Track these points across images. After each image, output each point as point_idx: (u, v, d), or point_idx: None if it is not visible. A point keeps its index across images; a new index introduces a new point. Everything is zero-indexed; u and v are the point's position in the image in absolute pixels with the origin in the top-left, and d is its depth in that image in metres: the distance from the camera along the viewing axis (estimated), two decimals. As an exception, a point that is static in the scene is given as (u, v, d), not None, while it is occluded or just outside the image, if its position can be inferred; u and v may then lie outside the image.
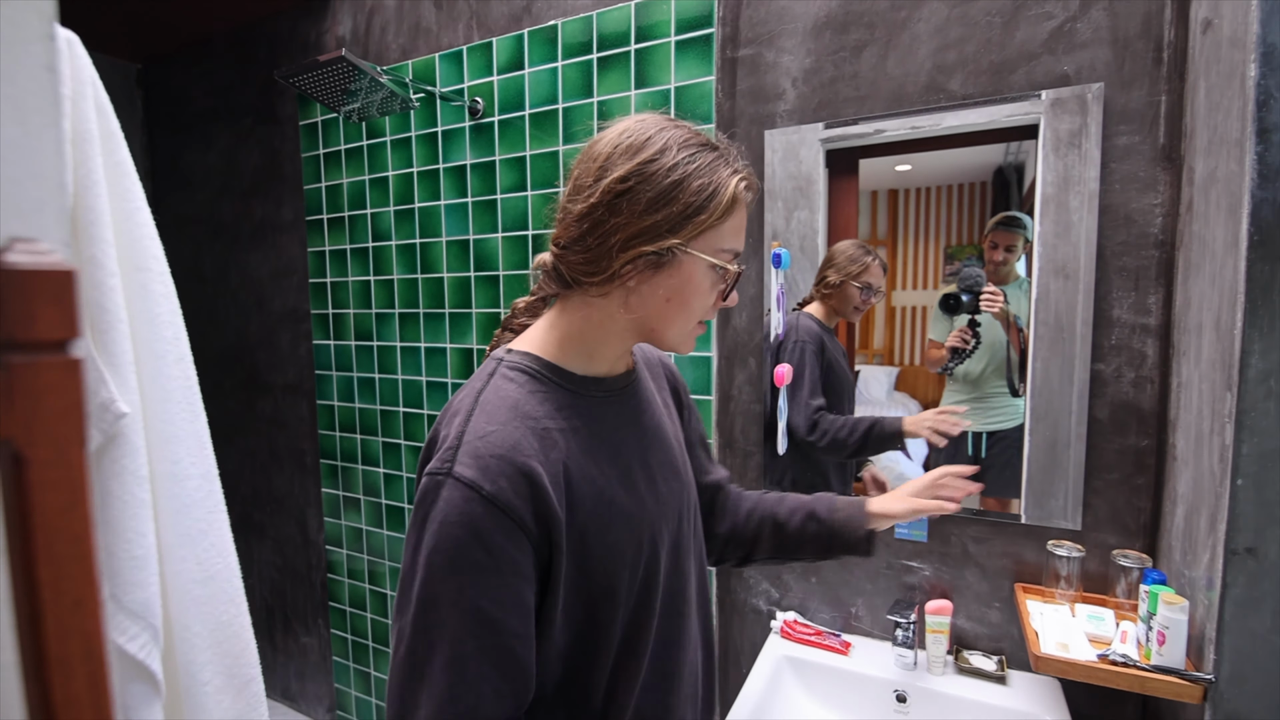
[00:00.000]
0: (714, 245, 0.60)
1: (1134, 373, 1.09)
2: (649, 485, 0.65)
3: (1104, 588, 1.12)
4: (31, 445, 0.30)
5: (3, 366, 0.28)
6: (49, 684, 0.30)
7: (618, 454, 0.63)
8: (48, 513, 0.30)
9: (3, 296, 0.28)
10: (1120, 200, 1.08)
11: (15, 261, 0.28)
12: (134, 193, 0.67)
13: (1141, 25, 1.04)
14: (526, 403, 0.59)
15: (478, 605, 0.52)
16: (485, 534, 0.52)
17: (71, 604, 0.31)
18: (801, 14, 1.27)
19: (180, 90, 2.24)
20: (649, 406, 0.71)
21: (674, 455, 0.71)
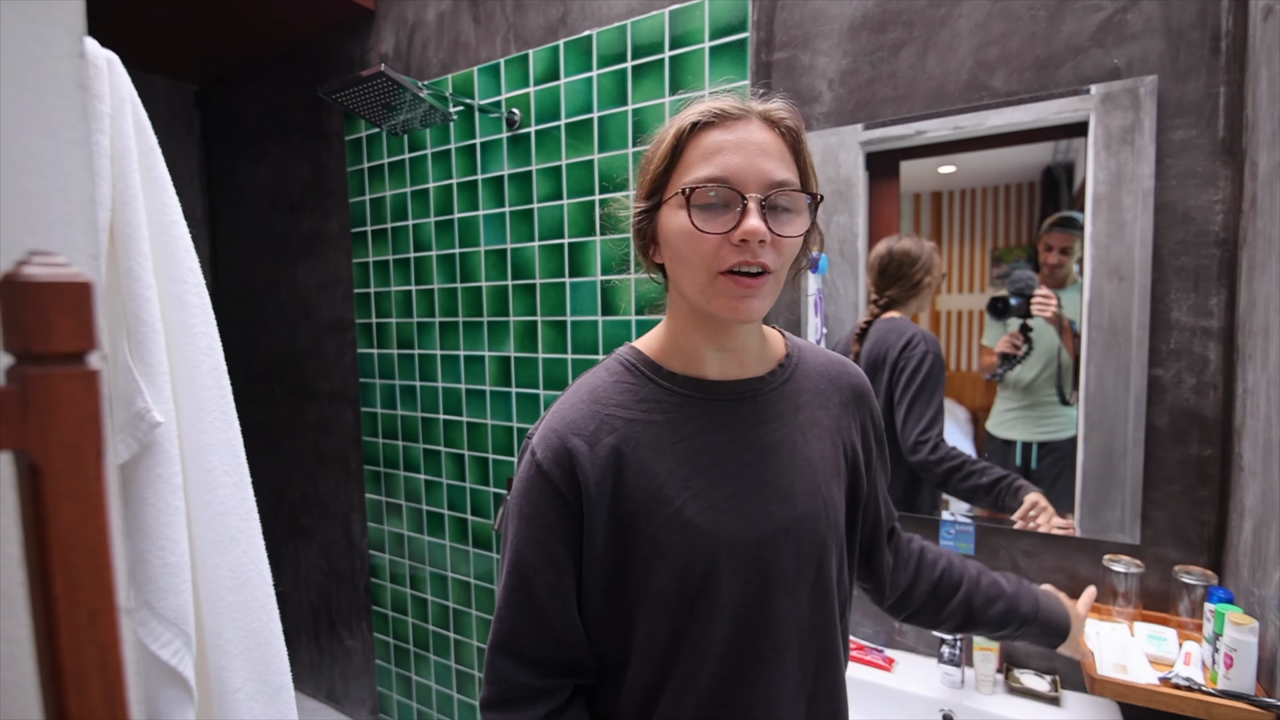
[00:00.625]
0: (678, 186, 0.58)
1: (1195, 378, 1.03)
2: (736, 499, 0.61)
3: (1165, 606, 1.06)
4: (47, 456, 0.30)
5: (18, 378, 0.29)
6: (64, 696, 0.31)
7: (699, 457, 0.61)
8: (63, 523, 0.31)
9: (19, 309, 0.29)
10: (1177, 197, 1.03)
11: (32, 274, 0.29)
12: (171, 206, 0.69)
13: (1197, 14, 1.00)
14: (605, 389, 0.63)
15: (521, 551, 0.60)
16: (533, 494, 0.60)
17: (87, 615, 0.32)
18: (837, 15, 1.25)
19: (234, 109, 2.34)
20: (776, 421, 0.64)
21: (791, 480, 0.63)
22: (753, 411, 0.63)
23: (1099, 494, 1.11)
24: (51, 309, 0.30)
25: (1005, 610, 0.79)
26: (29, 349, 0.30)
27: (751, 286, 0.56)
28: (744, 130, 0.57)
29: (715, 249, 0.56)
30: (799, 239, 0.58)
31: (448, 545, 1.90)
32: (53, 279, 0.30)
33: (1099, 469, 1.11)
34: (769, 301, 0.58)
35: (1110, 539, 1.10)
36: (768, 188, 0.56)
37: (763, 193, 0.55)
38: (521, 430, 1.71)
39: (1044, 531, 1.15)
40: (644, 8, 1.44)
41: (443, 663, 1.96)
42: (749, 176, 0.55)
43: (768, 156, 0.56)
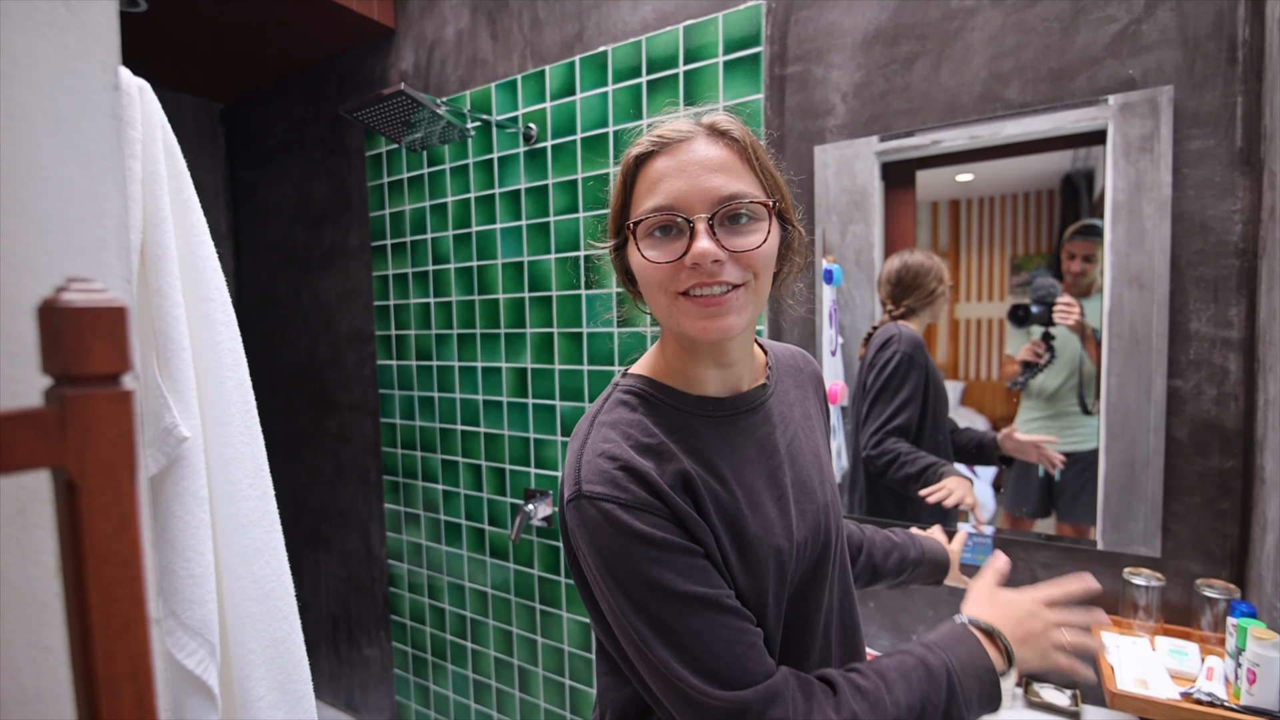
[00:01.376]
0: (633, 216, 0.58)
1: (1215, 389, 1.02)
2: (779, 506, 0.61)
3: (1187, 620, 1.04)
4: (83, 474, 0.32)
5: (57, 399, 0.31)
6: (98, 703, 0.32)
7: (741, 475, 0.60)
8: (98, 538, 0.33)
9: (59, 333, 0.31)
10: (1195, 207, 1.02)
11: (71, 300, 0.31)
12: (198, 228, 0.72)
13: (1213, 24, 0.99)
14: (638, 425, 0.59)
15: (680, 591, 0.53)
16: (640, 532, 0.53)
17: (120, 626, 0.33)
18: (850, 29, 1.26)
19: (258, 126, 2.40)
20: (782, 423, 0.66)
21: (808, 474, 0.65)
22: (765, 420, 0.64)
23: (1121, 506, 1.10)
24: (89, 333, 0.32)
25: (900, 559, 0.88)
26: (67, 371, 0.32)
27: (716, 304, 0.55)
28: (687, 152, 0.56)
29: (672, 275, 0.56)
30: (761, 250, 0.56)
31: (465, 555, 1.92)
32: (90, 304, 0.32)
33: (1121, 480, 1.10)
34: (745, 315, 0.57)
35: (1131, 551, 1.09)
36: (715, 204, 0.55)
37: (710, 210, 0.55)
38: (539, 440, 1.73)
39: (951, 505, 1.22)
40: (659, 23, 1.46)
41: (460, 672, 1.98)
42: (694, 199, 0.55)
43: (713, 173, 0.55)
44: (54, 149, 0.37)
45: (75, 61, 0.38)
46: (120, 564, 0.34)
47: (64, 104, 0.38)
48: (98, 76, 0.39)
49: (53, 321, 0.31)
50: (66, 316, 0.31)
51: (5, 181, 0.35)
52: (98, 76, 0.39)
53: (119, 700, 0.34)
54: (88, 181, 0.38)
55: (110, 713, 0.33)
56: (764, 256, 0.56)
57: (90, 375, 0.32)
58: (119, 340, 0.33)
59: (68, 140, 0.38)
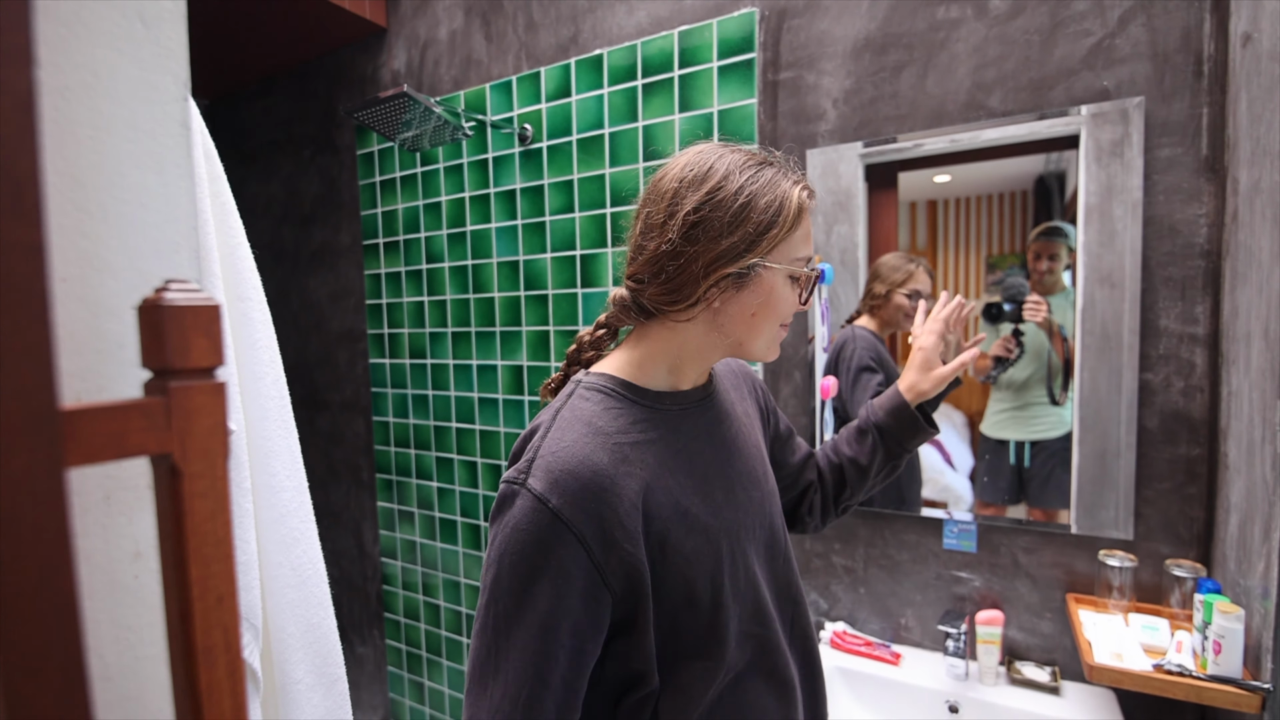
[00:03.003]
0: (789, 255, 0.63)
1: (1183, 382, 1.09)
2: (727, 495, 0.67)
3: (1158, 598, 1.11)
4: (186, 459, 0.35)
5: (161, 391, 0.34)
6: (196, 670, 0.35)
7: (693, 464, 0.65)
8: (197, 518, 0.36)
9: (163, 330, 0.34)
10: (1164, 211, 1.09)
11: (172, 299, 0.34)
12: (236, 229, 0.74)
13: (1181, 39, 1.06)
14: (601, 419, 0.61)
15: (536, 606, 0.55)
16: (547, 543, 0.55)
17: (215, 600, 0.37)
18: (841, 37, 1.31)
19: (245, 124, 2.39)
20: (727, 418, 0.72)
21: (754, 465, 0.72)
22: (714, 414, 0.71)
23: (1094, 494, 1.16)
24: (190, 329, 0.35)
25: (870, 443, 0.87)
26: (169, 365, 0.35)
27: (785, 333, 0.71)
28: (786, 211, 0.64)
29: (790, 312, 0.67)
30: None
31: (460, 551, 1.94)
32: (190, 303, 0.35)
33: (1094, 470, 1.16)
34: None
35: (1105, 535, 1.15)
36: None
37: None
38: (533, 437, 1.76)
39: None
40: (653, 28, 1.50)
41: (455, 667, 1.99)
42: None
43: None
44: (132, 157, 0.40)
45: (150, 74, 0.40)
46: (216, 543, 0.37)
47: (140, 114, 0.40)
48: (170, 88, 0.41)
49: (156, 319, 0.34)
50: (170, 314, 0.34)
51: (90, 188, 0.38)
52: (170, 88, 0.41)
53: (214, 668, 0.37)
54: (162, 187, 0.41)
55: (208, 679, 0.36)
56: None
57: (191, 368, 0.35)
58: (214, 336, 0.36)
59: (144, 148, 0.40)
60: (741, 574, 0.66)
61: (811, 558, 1.43)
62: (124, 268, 0.39)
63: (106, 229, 0.38)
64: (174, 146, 0.42)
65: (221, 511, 0.37)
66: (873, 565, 1.37)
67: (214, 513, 0.37)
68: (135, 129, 0.40)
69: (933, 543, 1.31)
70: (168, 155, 0.42)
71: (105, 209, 0.38)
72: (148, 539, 0.41)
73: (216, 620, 0.37)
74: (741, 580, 0.66)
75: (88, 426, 0.31)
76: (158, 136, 0.41)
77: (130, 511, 0.40)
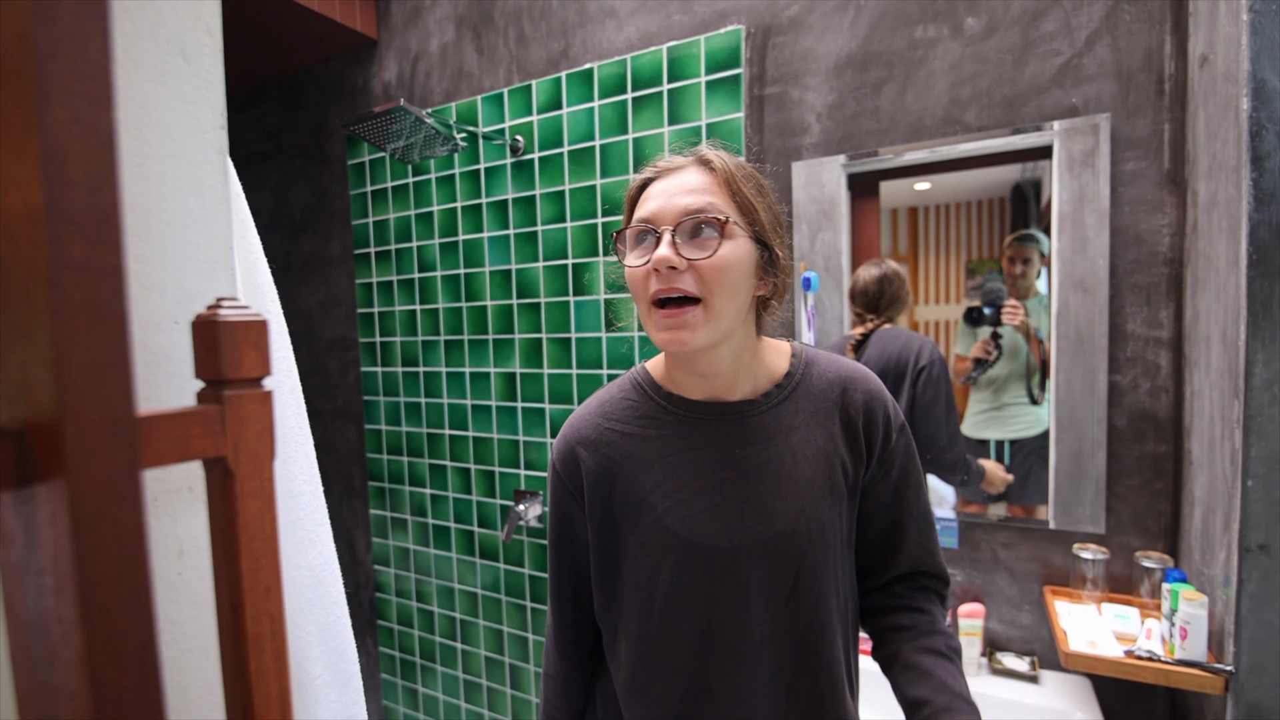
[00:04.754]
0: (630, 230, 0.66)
1: (1149, 383, 1.15)
2: (714, 511, 0.66)
3: (1129, 588, 1.17)
4: (238, 462, 0.38)
5: (216, 399, 0.37)
6: (246, 656, 0.39)
7: (684, 471, 0.67)
8: (248, 516, 0.39)
9: (217, 343, 0.37)
10: (1130, 221, 1.15)
11: (226, 316, 0.37)
12: (255, 245, 0.76)
13: (1143, 60, 1.12)
14: (611, 404, 0.73)
15: (552, 531, 0.77)
16: (554, 487, 0.75)
17: (263, 591, 0.40)
18: (824, 54, 1.36)
19: (234, 133, 2.39)
20: (765, 442, 0.67)
21: (774, 499, 0.66)
22: (741, 433, 0.67)
23: (1070, 492, 1.22)
24: (242, 343, 0.39)
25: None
26: (223, 375, 0.38)
27: (675, 315, 0.60)
28: (677, 177, 0.63)
29: (645, 282, 0.62)
30: (711, 260, 0.60)
31: (454, 557, 1.96)
32: (240, 319, 0.39)
33: (1070, 469, 1.22)
34: (707, 331, 0.61)
35: (1080, 529, 1.21)
36: (679, 218, 0.61)
37: (674, 223, 0.61)
38: (528, 443, 1.78)
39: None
40: (642, 44, 1.54)
41: (450, 673, 2.01)
42: (666, 214, 0.61)
43: (689, 193, 0.62)
44: (175, 182, 0.42)
45: (191, 105, 0.43)
46: (264, 538, 0.40)
47: (183, 142, 0.43)
48: (209, 118, 0.44)
49: (211, 334, 0.38)
50: (224, 330, 0.38)
51: (140, 212, 0.40)
52: (209, 118, 0.44)
53: (262, 654, 0.40)
54: (202, 210, 0.44)
55: (256, 665, 0.40)
56: (713, 267, 0.60)
57: (242, 379, 0.39)
58: (263, 349, 0.40)
59: (186, 174, 0.43)
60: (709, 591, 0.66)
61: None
62: (170, 286, 0.42)
63: (154, 250, 0.41)
64: (212, 171, 0.45)
65: (269, 510, 0.41)
66: (860, 563, 1.41)
67: (262, 510, 0.40)
68: (178, 156, 0.43)
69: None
70: (206, 180, 0.45)
71: (153, 231, 0.41)
72: (190, 539, 0.43)
73: (264, 610, 0.40)
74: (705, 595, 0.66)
75: (156, 432, 0.34)
76: (198, 163, 0.44)
77: (175, 513, 0.42)
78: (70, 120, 0.28)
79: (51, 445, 0.28)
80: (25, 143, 0.26)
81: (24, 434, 0.29)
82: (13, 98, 0.26)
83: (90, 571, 0.29)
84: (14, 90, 0.26)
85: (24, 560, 0.30)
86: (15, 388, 0.28)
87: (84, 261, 0.28)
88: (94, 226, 0.28)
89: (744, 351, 0.68)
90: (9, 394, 0.28)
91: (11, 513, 0.31)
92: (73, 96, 0.27)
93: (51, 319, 0.27)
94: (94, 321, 0.29)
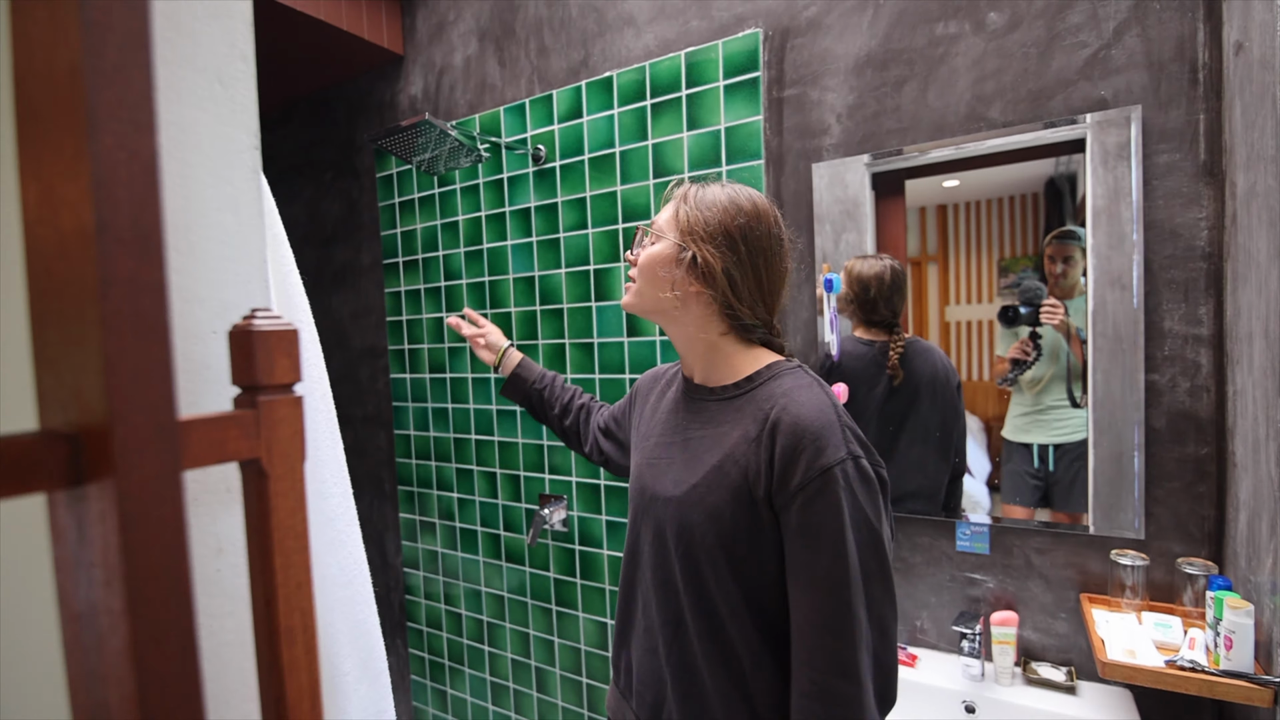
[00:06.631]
0: None
1: (1189, 382, 1.11)
2: (654, 466, 0.84)
3: (1170, 596, 1.13)
4: (271, 464, 0.40)
5: (252, 404, 0.39)
6: (278, 649, 0.40)
7: (659, 425, 0.87)
8: (280, 514, 0.41)
9: (253, 351, 0.39)
10: (1165, 215, 1.12)
11: (260, 326, 0.39)
12: (287, 258, 0.79)
13: (1175, 49, 1.09)
14: (664, 366, 1.01)
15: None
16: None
17: (295, 586, 0.41)
18: (843, 54, 1.36)
19: (269, 150, 2.47)
20: (708, 425, 0.78)
21: (687, 473, 0.76)
22: (694, 411, 0.82)
23: (1110, 495, 1.18)
24: (275, 351, 0.40)
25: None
26: (258, 381, 0.40)
27: (626, 288, 0.86)
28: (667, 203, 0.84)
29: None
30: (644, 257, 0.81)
31: (481, 561, 1.98)
32: (273, 328, 0.40)
33: (1109, 472, 1.18)
34: (632, 298, 0.83)
35: (1118, 535, 1.17)
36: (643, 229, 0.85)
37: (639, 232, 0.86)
38: (552, 448, 1.80)
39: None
40: (661, 50, 1.55)
41: (478, 676, 2.03)
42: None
43: (660, 216, 0.83)
44: (213, 200, 0.45)
45: (227, 127, 0.46)
46: (295, 536, 0.42)
47: (219, 162, 0.45)
48: (243, 139, 0.47)
49: (247, 342, 0.39)
50: (258, 338, 0.39)
51: (180, 229, 0.43)
52: (243, 139, 0.47)
53: (294, 646, 0.41)
54: (238, 226, 0.46)
55: (289, 656, 0.41)
56: (641, 264, 0.81)
57: (275, 384, 0.40)
58: (294, 357, 0.41)
59: (223, 193, 0.45)
60: (644, 532, 0.83)
61: (827, 561, 1.46)
62: (208, 298, 0.44)
63: (193, 264, 0.43)
64: (246, 190, 0.47)
65: (300, 509, 0.42)
66: (888, 568, 1.39)
67: (294, 510, 0.42)
68: (215, 176, 0.45)
69: (946, 545, 1.33)
70: (241, 198, 0.47)
71: (192, 247, 0.43)
72: (228, 536, 0.45)
73: (296, 604, 0.42)
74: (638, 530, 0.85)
75: (196, 435, 0.36)
76: (234, 182, 0.46)
77: (214, 512, 0.44)
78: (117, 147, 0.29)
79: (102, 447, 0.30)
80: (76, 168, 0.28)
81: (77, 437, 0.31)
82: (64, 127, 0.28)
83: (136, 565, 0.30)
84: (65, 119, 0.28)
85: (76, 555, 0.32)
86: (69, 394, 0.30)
87: (130, 277, 0.30)
88: (138, 244, 0.30)
89: (698, 343, 0.81)
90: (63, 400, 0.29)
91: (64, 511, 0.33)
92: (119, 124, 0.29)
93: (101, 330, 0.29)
94: (139, 332, 0.30)
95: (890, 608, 0.69)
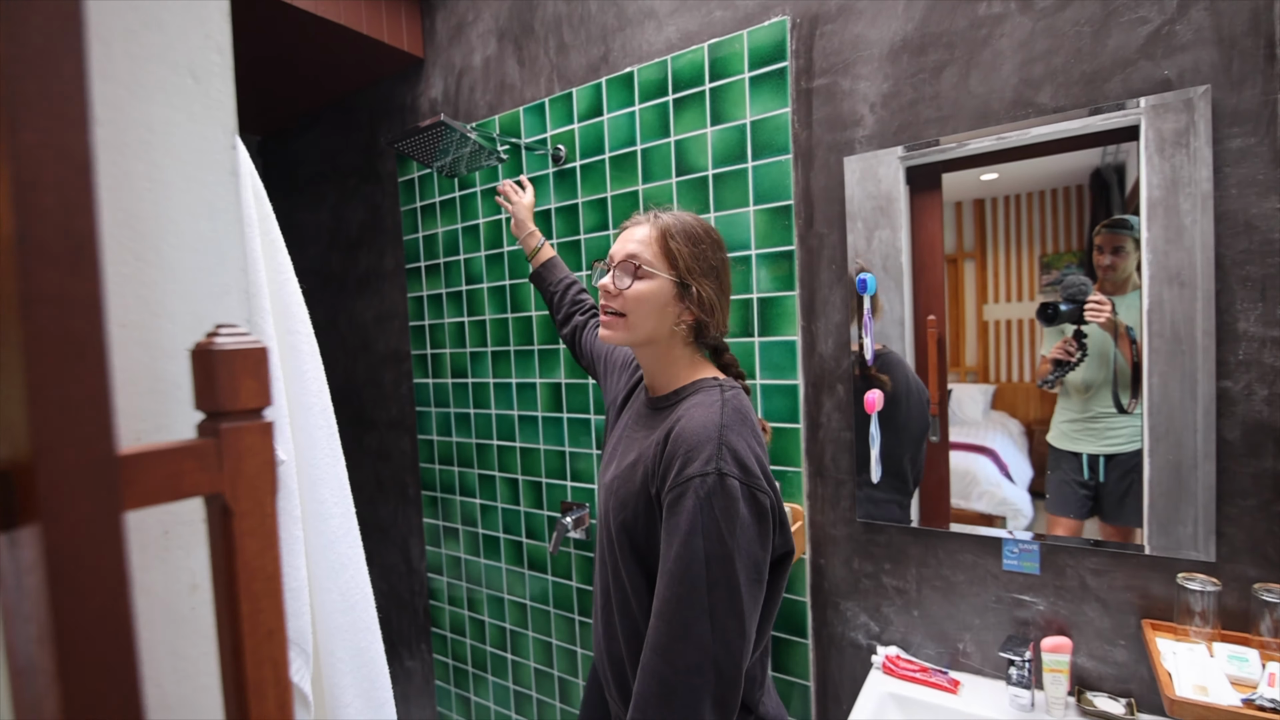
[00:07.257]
0: None
1: (1267, 390, 1.01)
2: (606, 461, 0.97)
3: (1245, 625, 1.03)
4: (236, 499, 0.35)
5: (213, 432, 0.34)
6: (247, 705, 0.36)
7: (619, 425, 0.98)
8: (247, 555, 0.36)
9: (214, 373, 0.34)
10: (1238, 206, 1.02)
11: (222, 344, 0.34)
12: (284, 265, 0.76)
13: (1249, 22, 1.00)
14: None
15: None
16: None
17: (265, 634, 0.37)
18: (876, 40, 1.28)
19: (293, 157, 2.48)
20: (644, 429, 0.90)
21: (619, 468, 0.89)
22: (643, 415, 0.93)
23: (1168, 509, 1.09)
24: (239, 372, 0.36)
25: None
26: (220, 407, 0.35)
27: (608, 319, 0.89)
28: (634, 229, 0.90)
29: (601, 291, 0.90)
30: (631, 292, 0.85)
31: (504, 568, 1.95)
32: (238, 346, 0.36)
33: (1167, 483, 1.09)
34: (624, 334, 0.87)
35: (1183, 556, 1.07)
36: (619, 258, 0.87)
37: (616, 262, 0.88)
38: (574, 454, 1.76)
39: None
40: (683, 43, 1.50)
41: (501, 683, 2.00)
42: (615, 252, 0.89)
43: (634, 242, 0.87)
44: (186, 205, 0.41)
45: (201, 126, 0.42)
46: (265, 579, 0.37)
47: (192, 164, 0.41)
48: (219, 138, 0.43)
49: (208, 363, 0.35)
50: (220, 358, 0.35)
51: (148, 237, 0.39)
52: (219, 138, 0.43)
53: (265, 703, 0.37)
54: (213, 233, 0.42)
55: (258, 712, 0.36)
56: (629, 298, 0.85)
57: (240, 410, 0.36)
58: (262, 378, 0.37)
59: (197, 196, 0.41)
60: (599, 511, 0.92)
61: (860, 578, 1.38)
62: (180, 311, 0.41)
63: (163, 275, 0.39)
64: (223, 193, 0.43)
65: (270, 548, 0.38)
66: (926, 586, 1.31)
67: (263, 549, 0.37)
68: (188, 179, 0.41)
69: (991, 563, 1.24)
70: (218, 202, 0.43)
71: (162, 256, 0.39)
72: (204, 572, 0.41)
73: (266, 654, 0.37)
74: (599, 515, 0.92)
75: (145, 470, 0.31)
76: (209, 185, 0.42)
77: (188, 546, 0.41)
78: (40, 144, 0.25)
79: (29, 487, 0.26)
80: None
81: (8, 475, 0.27)
82: (-23, 121, 0.24)
83: (67, 623, 0.26)
84: (-22, 114, 0.24)
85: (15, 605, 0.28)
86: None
87: (56, 293, 0.26)
88: (68, 256, 0.26)
89: (665, 360, 0.90)
90: (-6, 433, 0.25)
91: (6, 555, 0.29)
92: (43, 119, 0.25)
93: (24, 354, 0.25)
94: (68, 356, 0.26)
95: (734, 621, 0.72)
